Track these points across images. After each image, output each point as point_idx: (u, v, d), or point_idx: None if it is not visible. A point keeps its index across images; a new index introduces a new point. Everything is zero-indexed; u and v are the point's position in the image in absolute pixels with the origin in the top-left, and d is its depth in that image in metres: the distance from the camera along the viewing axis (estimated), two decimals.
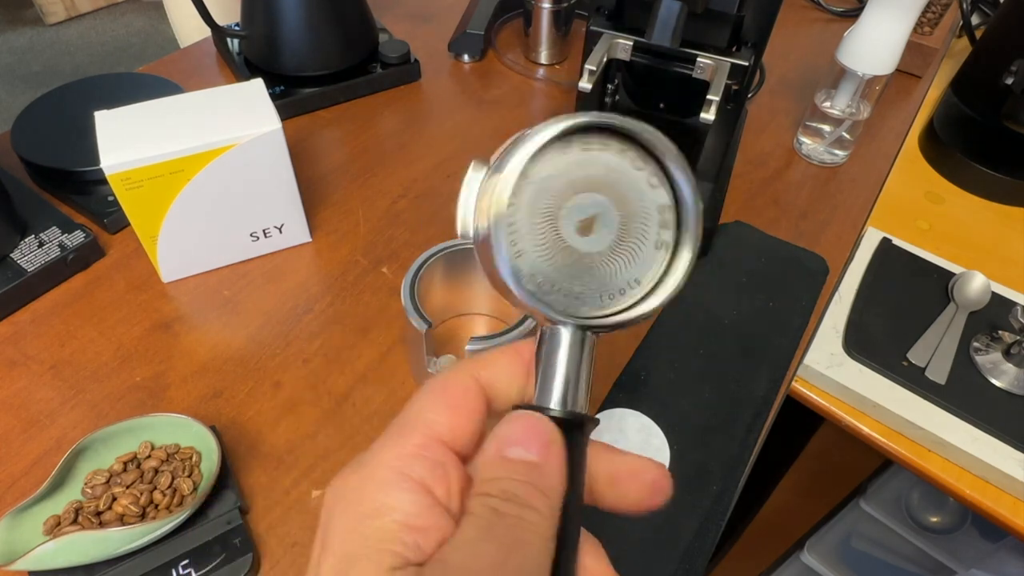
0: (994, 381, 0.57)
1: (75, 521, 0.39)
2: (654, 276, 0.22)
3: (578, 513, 0.21)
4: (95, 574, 0.38)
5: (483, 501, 0.19)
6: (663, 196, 0.22)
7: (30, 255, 0.53)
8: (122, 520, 0.40)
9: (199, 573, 0.38)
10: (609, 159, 0.22)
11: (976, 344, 0.60)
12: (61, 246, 0.54)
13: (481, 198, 0.21)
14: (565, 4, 0.78)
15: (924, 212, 0.74)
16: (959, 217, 0.74)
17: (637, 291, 0.22)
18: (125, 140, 0.47)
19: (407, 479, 0.19)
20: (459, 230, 0.23)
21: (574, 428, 0.20)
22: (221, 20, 0.71)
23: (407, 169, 0.67)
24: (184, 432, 0.43)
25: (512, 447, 0.19)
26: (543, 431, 0.20)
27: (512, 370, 0.22)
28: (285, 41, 0.70)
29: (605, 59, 0.53)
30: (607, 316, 0.22)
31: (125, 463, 0.42)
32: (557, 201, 0.21)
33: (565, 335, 0.21)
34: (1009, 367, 0.57)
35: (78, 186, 0.59)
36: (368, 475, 0.19)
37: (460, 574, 0.17)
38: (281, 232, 0.57)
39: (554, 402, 0.21)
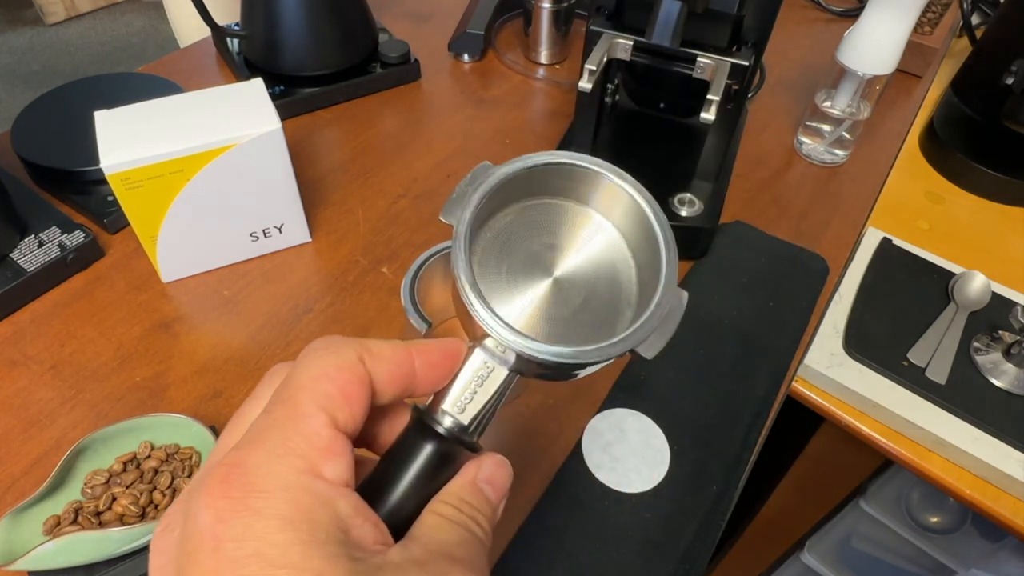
0: (994, 381, 0.57)
1: (75, 521, 0.39)
2: (611, 341, 0.21)
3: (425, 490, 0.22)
4: (95, 574, 0.38)
5: (461, 517, 0.21)
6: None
7: (30, 255, 0.53)
8: (122, 520, 0.40)
9: None
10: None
11: (976, 344, 0.60)
12: (61, 246, 0.54)
13: (469, 196, 0.23)
14: (565, 4, 0.78)
15: (924, 212, 0.74)
16: (959, 217, 0.74)
17: (586, 349, 0.21)
18: (125, 140, 0.47)
19: (332, 485, 0.19)
20: (443, 216, 0.23)
21: (460, 450, 0.22)
22: (221, 20, 0.71)
23: (407, 169, 0.67)
24: (184, 432, 0.43)
25: (486, 483, 0.22)
26: (507, 483, 0.23)
27: (397, 372, 0.21)
28: (285, 41, 0.70)
29: (605, 59, 0.53)
30: (547, 356, 0.21)
31: (125, 463, 0.42)
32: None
33: (497, 372, 0.22)
34: (1009, 367, 0.57)
35: (78, 186, 0.59)
36: (279, 485, 0.18)
37: (466, 563, 0.20)
38: (281, 232, 0.57)
39: (448, 420, 0.22)
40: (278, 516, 0.17)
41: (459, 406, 0.22)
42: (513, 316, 0.23)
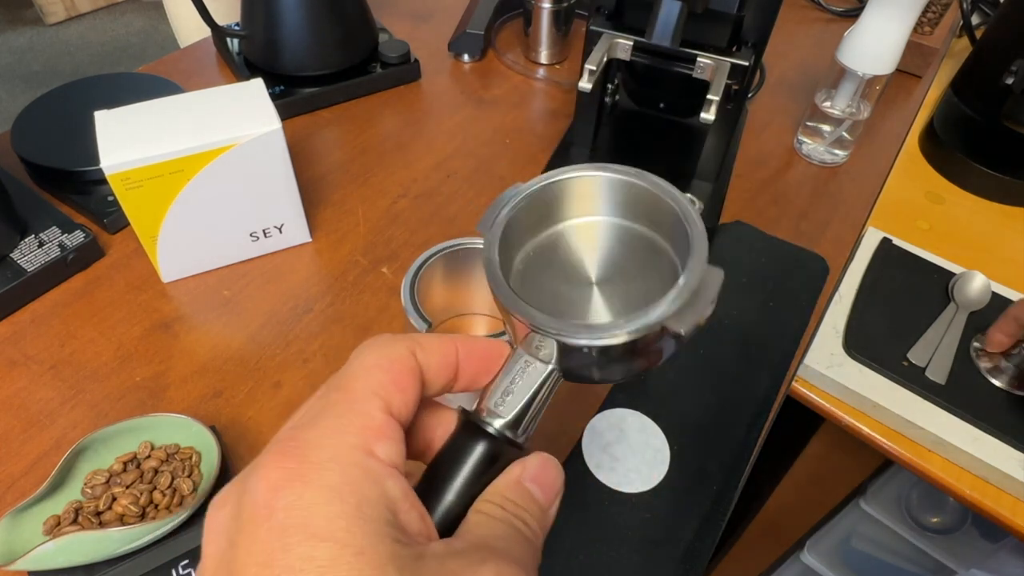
0: (994, 381, 0.57)
1: (75, 521, 0.39)
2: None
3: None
4: (95, 574, 0.38)
5: (505, 515, 0.21)
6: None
7: (30, 255, 0.53)
8: (122, 520, 0.40)
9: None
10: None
11: (976, 344, 0.60)
12: (61, 246, 0.54)
13: (505, 208, 0.24)
14: (565, 4, 0.78)
15: (924, 212, 0.74)
16: (959, 217, 0.74)
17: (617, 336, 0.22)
18: (125, 140, 0.47)
19: (383, 465, 0.19)
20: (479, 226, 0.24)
21: (511, 449, 0.22)
22: (221, 20, 0.71)
23: (407, 169, 0.67)
24: (184, 432, 0.43)
25: (531, 483, 0.22)
26: (558, 483, 0.22)
27: (444, 362, 0.22)
28: (285, 41, 0.70)
29: (605, 59, 0.53)
30: (588, 348, 0.21)
31: (125, 463, 0.42)
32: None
33: (538, 368, 0.22)
34: (1009, 367, 0.57)
35: (78, 186, 0.59)
36: (334, 468, 0.18)
37: (505, 556, 0.19)
38: (281, 232, 0.57)
39: (499, 420, 0.22)
40: (327, 487, 0.17)
41: (505, 405, 0.22)
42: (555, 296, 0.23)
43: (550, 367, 0.22)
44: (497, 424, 0.22)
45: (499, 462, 0.22)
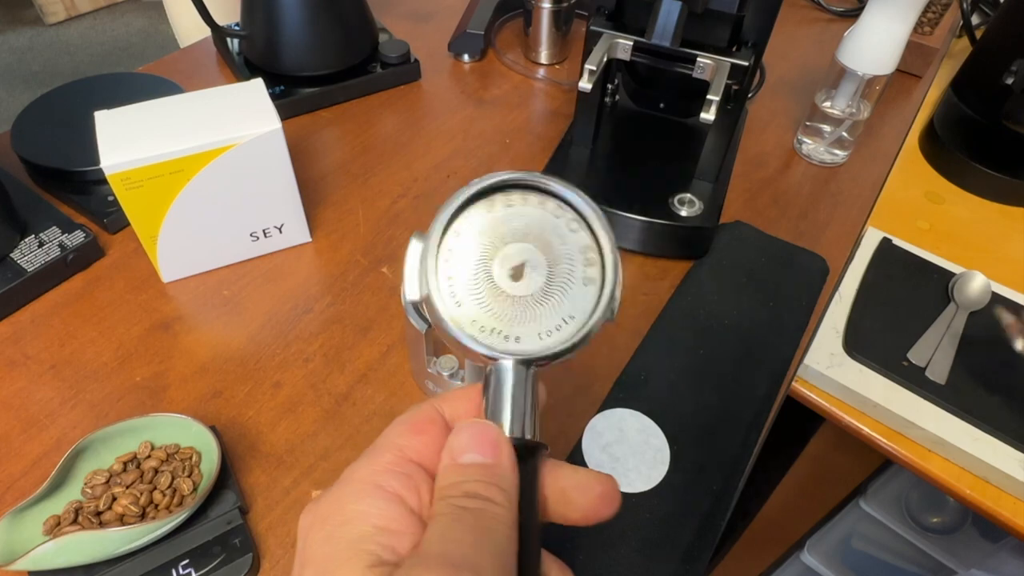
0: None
1: (75, 521, 0.39)
2: (586, 310, 0.24)
3: (536, 532, 0.22)
4: (95, 574, 0.38)
5: (447, 502, 0.21)
6: (584, 238, 0.25)
7: (30, 255, 0.53)
8: (122, 520, 0.40)
9: (199, 573, 0.38)
10: (530, 211, 0.25)
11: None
12: (61, 246, 0.54)
13: (421, 262, 0.24)
14: (565, 4, 0.78)
15: (924, 212, 0.74)
16: (959, 217, 0.74)
17: (572, 326, 0.24)
18: (125, 140, 0.47)
19: (380, 489, 0.21)
20: (406, 297, 0.25)
21: (526, 455, 0.22)
22: (221, 20, 0.71)
23: (407, 169, 0.67)
24: (184, 432, 0.43)
25: (464, 454, 0.22)
26: (490, 435, 0.22)
27: (470, 406, 0.25)
28: (285, 41, 0.70)
29: (605, 59, 0.53)
30: (545, 351, 0.23)
31: (125, 463, 0.42)
32: (488, 253, 0.24)
33: (508, 369, 0.23)
34: None
35: (78, 186, 0.59)
36: (342, 490, 0.22)
37: (439, 561, 0.19)
38: (281, 232, 0.57)
39: (505, 431, 0.22)
40: (330, 527, 0.21)
41: (503, 419, 0.23)
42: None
43: (512, 368, 0.23)
44: (509, 434, 0.23)
45: (531, 469, 0.23)
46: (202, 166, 0.49)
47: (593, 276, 0.24)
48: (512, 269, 0.24)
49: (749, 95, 0.77)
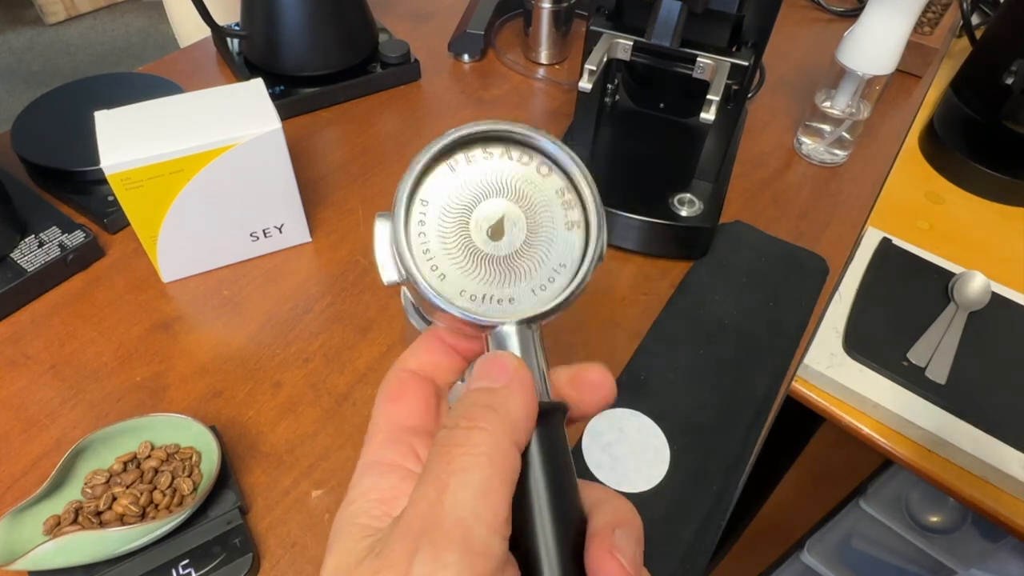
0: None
1: (75, 521, 0.39)
2: (575, 255, 0.23)
3: (570, 492, 0.20)
4: (95, 574, 0.38)
5: (436, 437, 0.20)
6: (557, 180, 0.23)
7: (30, 255, 0.53)
8: (122, 520, 0.40)
9: (199, 573, 0.38)
10: (496, 164, 0.23)
11: None
12: (61, 246, 0.54)
13: (392, 240, 0.22)
14: (565, 4, 0.78)
15: (924, 212, 0.74)
16: (959, 217, 0.74)
17: (565, 274, 0.23)
18: (125, 140, 0.47)
19: (377, 465, 0.21)
20: (384, 279, 0.23)
21: (546, 416, 0.21)
22: (221, 20, 0.71)
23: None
24: (184, 432, 0.43)
25: (477, 381, 0.21)
26: (506, 362, 0.21)
27: (436, 352, 0.24)
28: (285, 41, 0.70)
29: (605, 59, 0.53)
30: (543, 306, 0.22)
31: (125, 463, 0.42)
32: (461, 216, 0.23)
33: (510, 333, 0.22)
34: None
35: (78, 186, 0.59)
36: (351, 483, 0.22)
37: (400, 526, 0.18)
38: (281, 232, 0.57)
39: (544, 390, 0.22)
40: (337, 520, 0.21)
41: None
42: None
43: (516, 329, 0.22)
44: None
45: (556, 431, 0.21)
46: (202, 166, 0.49)
47: (575, 218, 0.23)
48: (490, 228, 0.23)
49: (749, 95, 0.77)
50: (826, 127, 0.69)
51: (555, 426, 0.21)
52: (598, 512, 0.20)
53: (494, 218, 0.23)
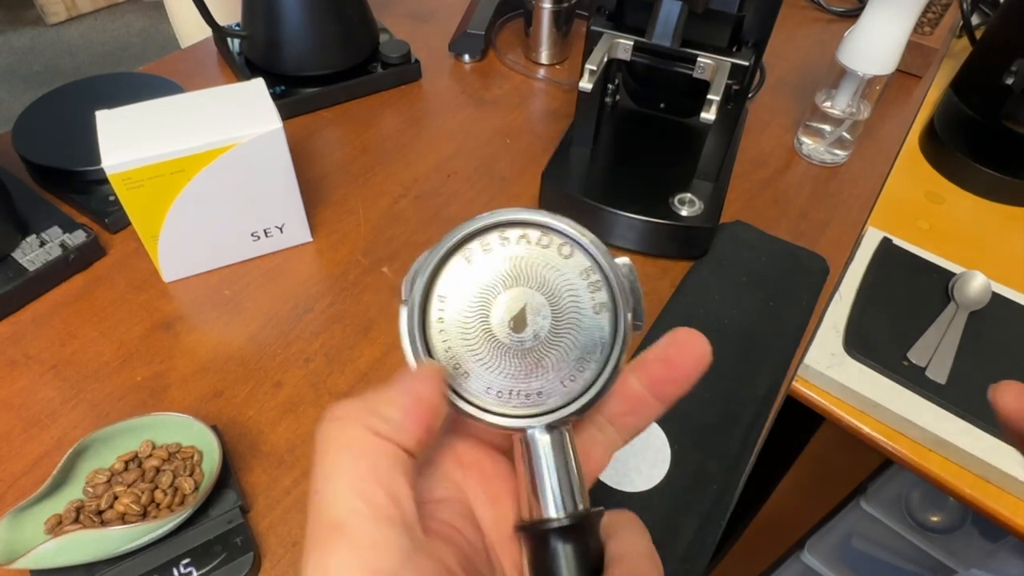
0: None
1: (76, 520, 0.39)
2: (605, 340, 0.22)
3: None
4: (96, 573, 0.38)
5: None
6: (581, 260, 0.22)
7: (31, 255, 0.53)
8: (123, 519, 0.40)
9: (200, 572, 0.38)
10: (513, 251, 0.22)
11: None
12: (62, 246, 0.54)
13: (410, 340, 0.21)
14: (565, 4, 0.78)
15: (924, 212, 0.74)
16: (959, 217, 0.74)
17: (595, 361, 0.22)
18: (126, 140, 0.47)
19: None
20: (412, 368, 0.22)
21: (579, 529, 0.20)
22: (222, 20, 0.71)
23: (408, 169, 0.67)
24: (185, 431, 0.43)
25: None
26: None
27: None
28: (286, 41, 0.70)
29: (606, 59, 0.53)
30: (574, 402, 0.21)
31: (126, 462, 0.42)
32: (481, 310, 0.21)
33: (540, 440, 0.21)
34: None
35: (79, 186, 0.59)
36: None
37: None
38: (282, 232, 0.57)
39: (554, 511, 0.20)
40: None
41: (546, 495, 0.21)
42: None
43: (547, 436, 0.21)
44: (558, 513, 0.20)
45: (592, 539, 0.21)
46: (203, 166, 0.49)
47: (603, 300, 0.22)
48: (512, 320, 0.21)
49: (749, 95, 0.77)
50: (826, 127, 0.69)
51: (592, 536, 0.21)
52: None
53: (516, 309, 0.21)
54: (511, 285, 0.22)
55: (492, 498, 0.21)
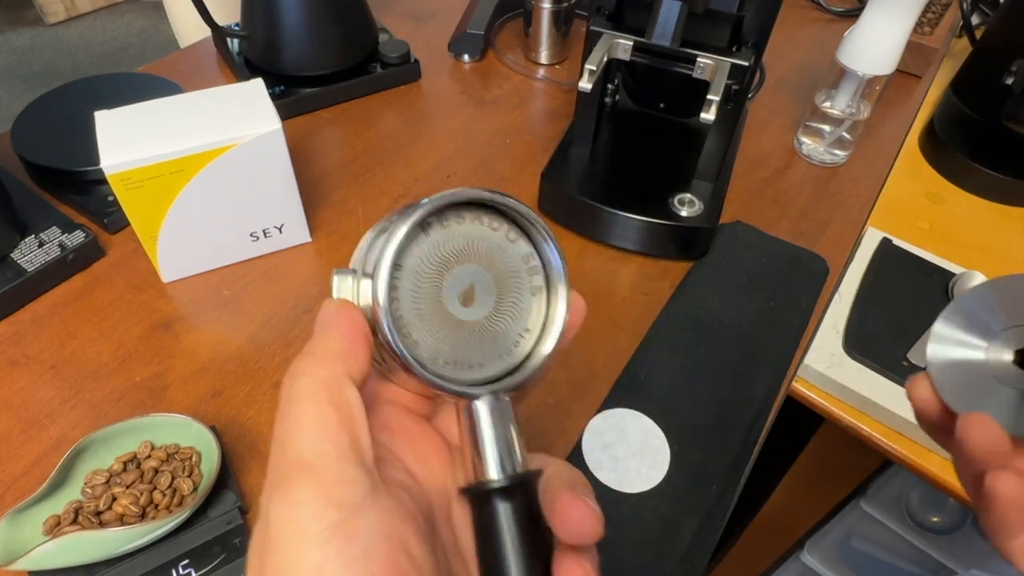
0: None
1: (75, 521, 0.39)
2: (538, 320, 0.24)
3: (548, 552, 0.20)
4: (95, 574, 0.38)
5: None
6: (523, 246, 0.24)
7: (30, 255, 0.53)
8: (122, 520, 0.40)
9: (199, 573, 0.38)
10: (468, 229, 0.23)
11: None
12: (61, 246, 0.54)
13: (363, 302, 0.22)
14: (565, 4, 0.78)
15: (924, 212, 0.74)
16: (959, 217, 0.74)
17: (529, 339, 0.24)
18: (125, 140, 0.47)
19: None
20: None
21: (519, 489, 0.21)
22: (221, 20, 0.71)
23: (407, 169, 0.67)
24: (184, 432, 0.43)
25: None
26: (322, 310, 0.21)
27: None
28: (285, 41, 0.70)
29: (605, 59, 0.53)
30: (512, 374, 0.23)
31: (125, 463, 0.42)
32: (434, 282, 0.23)
33: (482, 407, 0.22)
34: None
35: (78, 186, 0.59)
36: None
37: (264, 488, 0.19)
38: (281, 232, 0.57)
39: (494, 473, 0.21)
40: None
41: (488, 458, 0.22)
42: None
43: (486, 401, 0.22)
44: (499, 475, 0.21)
45: (532, 499, 0.21)
46: (202, 166, 0.49)
47: (539, 284, 0.24)
48: (462, 294, 0.23)
49: (749, 95, 0.77)
50: (826, 127, 0.69)
51: (533, 496, 0.21)
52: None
53: (466, 284, 0.23)
54: (463, 262, 0.23)
55: (420, 458, 0.22)
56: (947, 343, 0.30)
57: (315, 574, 0.17)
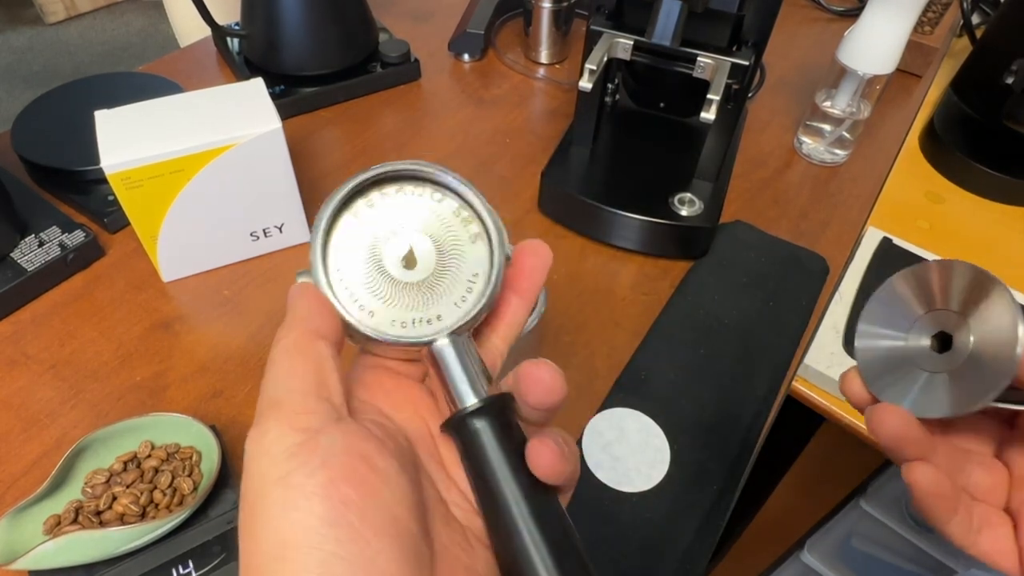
0: None
1: (75, 521, 0.39)
2: (484, 263, 0.26)
3: (524, 472, 0.22)
4: (95, 574, 0.38)
5: None
6: (451, 203, 0.26)
7: (30, 255, 0.53)
8: (122, 520, 0.40)
9: (199, 573, 0.38)
10: (393, 200, 0.26)
11: None
12: (61, 245, 0.54)
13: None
14: (565, 3, 0.78)
15: (924, 212, 0.74)
16: (959, 217, 0.74)
17: (480, 281, 0.25)
18: (125, 140, 0.47)
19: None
20: None
21: (496, 407, 0.23)
22: (221, 20, 0.71)
23: None
24: (184, 432, 0.43)
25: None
26: (290, 292, 0.23)
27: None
28: (285, 40, 0.70)
29: (605, 58, 0.53)
30: (467, 315, 0.25)
31: (125, 463, 0.42)
32: (374, 255, 0.25)
33: (445, 348, 0.24)
34: None
35: (78, 185, 0.59)
36: None
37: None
38: (281, 232, 0.57)
39: (470, 399, 0.23)
40: None
41: (458, 388, 0.24)
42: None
43: (447, 343, 0.24)
44: (471, 400, 0.23)
45: (509, 415, 0.24)
46: (202, 166, 0.49)
47: (476, 231, 0.26)
48: (403, 259, 0.25)
49: (749, 95, 0.77)
50: (826, 127, 0.69)
51: (509, 415, 0.24)
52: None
53: (404, 249, 0.25)
54: (397, 230, 0.25)
55: (395, 405, 0.24)
56: (871, 337, 0.32)
57: (280, 485, 0.18)
